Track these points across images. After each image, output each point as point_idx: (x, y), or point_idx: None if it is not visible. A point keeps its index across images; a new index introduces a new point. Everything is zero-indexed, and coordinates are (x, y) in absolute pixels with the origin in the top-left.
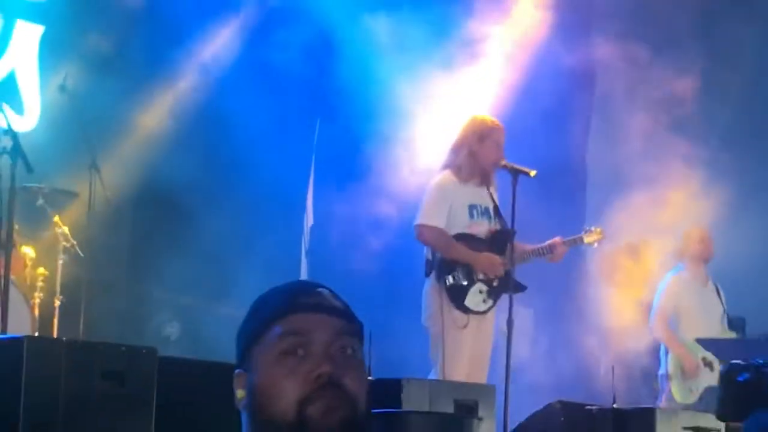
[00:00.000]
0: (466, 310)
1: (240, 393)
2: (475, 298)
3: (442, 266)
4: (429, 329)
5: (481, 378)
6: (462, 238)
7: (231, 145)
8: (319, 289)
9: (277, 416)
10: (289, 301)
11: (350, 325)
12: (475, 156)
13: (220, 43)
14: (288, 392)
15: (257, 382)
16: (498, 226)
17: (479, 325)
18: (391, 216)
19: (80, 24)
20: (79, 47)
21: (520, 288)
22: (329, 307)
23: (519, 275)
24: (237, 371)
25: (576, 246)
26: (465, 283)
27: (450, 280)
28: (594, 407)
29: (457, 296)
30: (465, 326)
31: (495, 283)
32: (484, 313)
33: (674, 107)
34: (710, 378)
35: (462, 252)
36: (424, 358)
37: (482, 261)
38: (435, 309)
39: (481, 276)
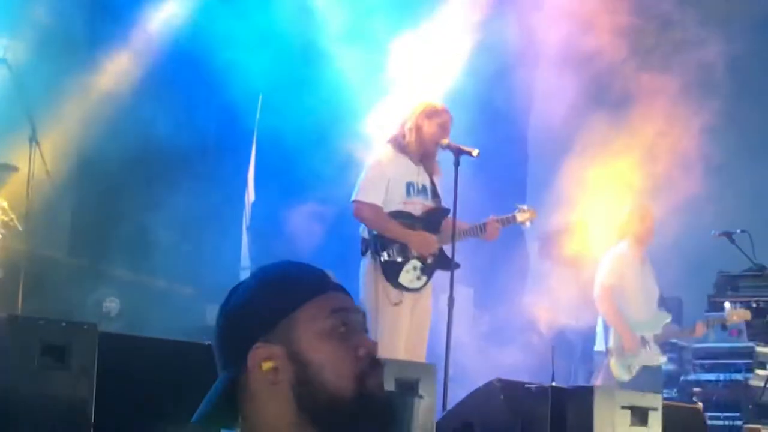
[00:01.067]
0: (400, 287)
1: (267, 365)
2: (408, 275)
3: (377, 243)
4: (365, 307)
5: (420, 356)
6: (397, 215)
7: (171, 120)
8: (328, 271)
9: (335, 389)
10: (323, 279)
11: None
12: (419, 131)
13: (163, 15)
14: (345, 368)
15: (307, 356)
16: (433, 204)
17: (415, 303)
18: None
19: None
20: (20, 18)
21: (454, 265)
22: (344, 288)
23: (460, 253)
24: (258, 344)
25: (509, 224)
26: (399, 260)
27: (385, 256)
28: (533, 386)
29: (391, 273)
30: (399, 303)
31: (429, 261)
32: (418, 290)
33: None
34: (646, 356)
35: (397, 230)
36: None
37: (416, 239)
38: (370, 287)
39: (415, 253)
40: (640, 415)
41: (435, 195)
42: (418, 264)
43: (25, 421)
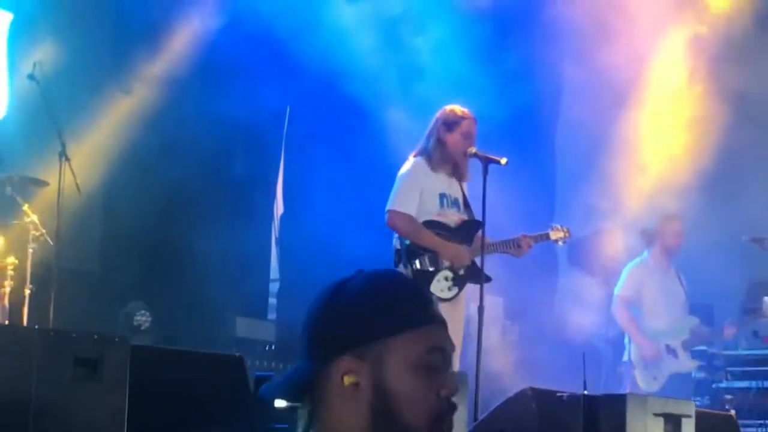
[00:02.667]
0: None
1: (349, 379)
2: (440, 284)
3: (409, 252)
4: None
5: (453, 366)
6: (431, 225)
7: (201, 133)
8: (433, 298)
9: (409, 425)
10: (427, 310)
11: None
12: (443, 145)
13: (190, 32)
14: (426, 407)
15: (391, 385)
16: (466, 217)
17: (448, 313)
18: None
19: (50, 11)
20: (49, 35)
21: (486, 278)
22: (445, 321)
23: (491, 264)
24: (348, 356)
25: (541, 242)
26: (431, 269)
27: (417, 265)
28: (565, 394)
29: (422, 282)
30: None
31: (461, 272)
32: (448, 300)
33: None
34: (674, 365)
35: (430, 239)
36: None
37: (449, 250)
38: None
39: (447, 263)
40: (673, 423)
41: (467, 207)
42: (450, 274)
43: None
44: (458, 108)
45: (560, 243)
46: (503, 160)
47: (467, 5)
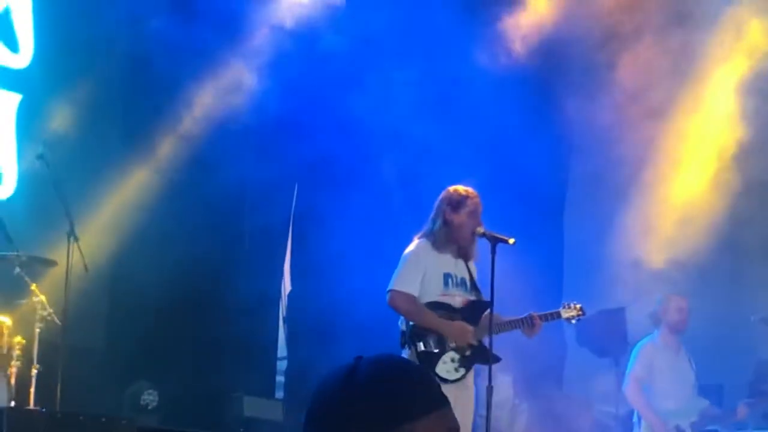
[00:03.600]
0: (438, 378)
1: None
2: (446, 366)
3: (413, 334)
4: None
5: None
6: (435, 306)
7: (208, 214)
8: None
9: None
10: (439, 392)
11: None
12: (449, 225)
13: (198, 111)
14: None
15: None
16: (473, 297)
17: (457, 395)
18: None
19: (57, 93)
20: (57, 116)
21: (494, 359)
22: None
23: (498, 342)
24: None
25: (553, 320)
26: (436, 350)
27: (421, 346)
28: None
29: (428, 364)
30: None
31: (467, 353)
32: (455, 381)
33: None
34: None
35: (433, 320)
36: None
37: (453, 329)
38: None
39: (453, 344)
40: None
41: (474, 288)
42: (456, 356)
43: None
44: (462, 188)
45: (572, 321)
46: (511, 240)
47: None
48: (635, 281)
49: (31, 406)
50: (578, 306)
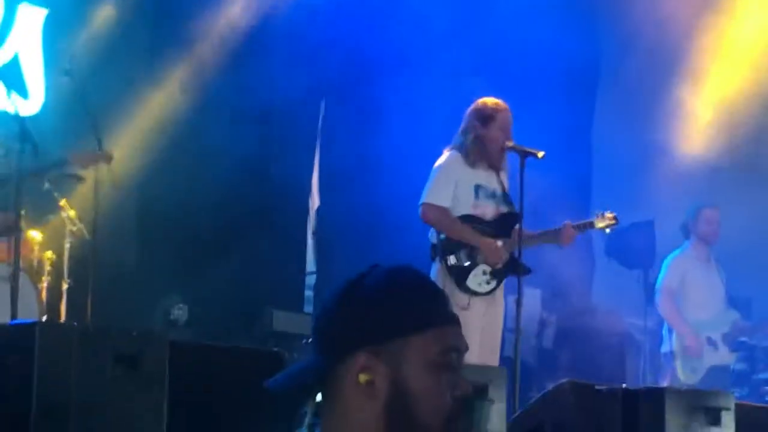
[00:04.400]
0: (469, 292)
1: (364, 377)
2: (477, 278)
3: (444, 247)
4: None
5: (493, 361)
6: (467, 219)
7: (236, 128)
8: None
9: (423, 424)
10: (447, 309)
11: None
12: (480, 140)
13: (225, 24)
14: (440, 405)
15: (409, 384)
16: (505, 209)
17: (488, 307)
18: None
19: (84, 6)
20: (84, 29)
21: (525, 271)
22: (459, 321)
23: (528, 256)
24: (364, 352)
25: (586, 230)
26: (467, 263)
27: (452, 260)
28: (603, 388)
29: (459, 277)
30: (467, 307)
31: (499, 265)
32: (486, 294)
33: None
34: (714, 357)
35: (466, 233)
36: None
37: (485, 245)
38: None
39: (484, 257)
40: (712, 416)
41: (506, 199)
42: (487, 268)
43: (99, 431)
44: (491, 100)
45: (607, 231)
46: (540, 153)
47: None
48: (666, 192)
49: (63, 320)
50: (611, 215)
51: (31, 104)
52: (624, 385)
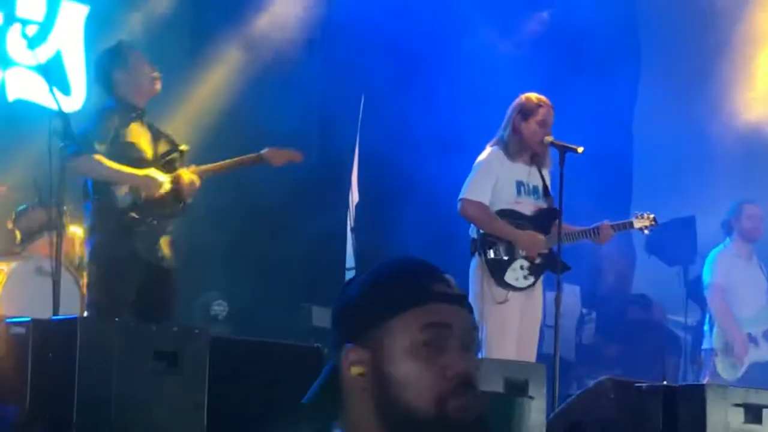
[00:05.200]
0: (506, 286)
1: (355, 369)
2: (515, 273)
3: (483, 241)
4: (474, 306)
5: (531, 356)
6: (506, 214)
7: (277, 121)
8: (447, 276)
9: (412, 409)
10: (426, 288)
11: (473, 317)
12: (519, 134)
13: (267, 20)
14: (427, 387)
15: (390, 369)
16: (545, 205)
17: (525, 302)
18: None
19: (125, 3)
20: (124, 26)
21: (564, 267)
22: (460, 297)
23: (567, 252)
24: (349, 345)
25: (625, 230)
26: (506, 258)
27: (491, 254)
28: (644, 384)
29: (497, 271)
30: (505, 302)
31: (537, 261)
32: (524, 289)
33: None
34: (755, 354)
35: (504, 228)
36: None
37: (524, 239)
38: (477, 285)
39: (522, 252)
40: (754, 413)
41: (547, 195)
42: (526, 263)
43: (139, 426)
44: (534, 96)
45: (645, 231)
46: (580, 149)
47: None
48: (707, 188)
49: None
50: (651, 216)
51: (72, 101)
52: (664, 382)
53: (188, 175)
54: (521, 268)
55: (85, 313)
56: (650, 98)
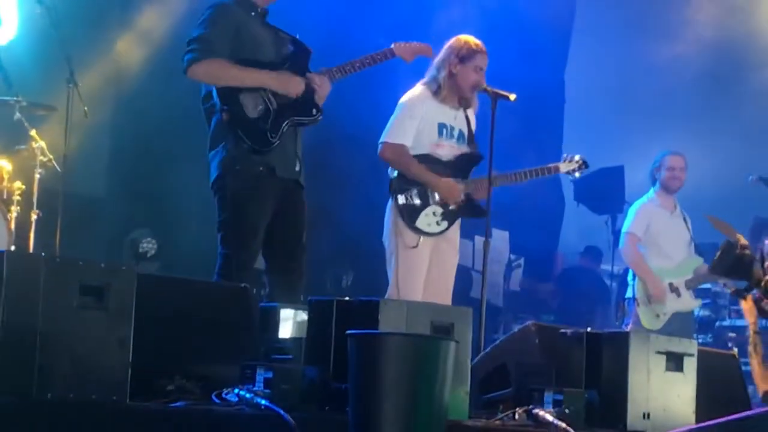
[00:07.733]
0: (417, 231)
1: None
2: (428, 219)
3: (397, 185)
4: (386, 246)
5: (444, 301)
6: (424, 159)
7: None
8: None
9: None
10: None
11: None
12: (454, 78)
13: None
14: None
15: None
16: (467, 150)
17: (436, 247)
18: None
19: None
20: None
21: (479, 212)
22: None
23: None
24: None
25: (552, 174)
26: (418, 202)
27: (402, 199)
28: (568, 330)
29: (409, 216)
30: (415, 246)
31: (451, 207)
32: (437, 234)
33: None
34: (676, 303)
35: (422, 173)
36: None
37: (442, 186)
38: (389, 228)
39: (437, 198)
40: (675, 361)
41: (471, 141)
42: (439, 209)
43: (64, 361)
44: (472, 40)
45: (576, 174)
46: (512, 96)
47: None
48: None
49: (31, 250)
50: (579, 159)
51: (3, 33)
52: (588, 329)
53: (319, 77)
54: (434, 214)
55: (12, 247)
56: (583, 48)
